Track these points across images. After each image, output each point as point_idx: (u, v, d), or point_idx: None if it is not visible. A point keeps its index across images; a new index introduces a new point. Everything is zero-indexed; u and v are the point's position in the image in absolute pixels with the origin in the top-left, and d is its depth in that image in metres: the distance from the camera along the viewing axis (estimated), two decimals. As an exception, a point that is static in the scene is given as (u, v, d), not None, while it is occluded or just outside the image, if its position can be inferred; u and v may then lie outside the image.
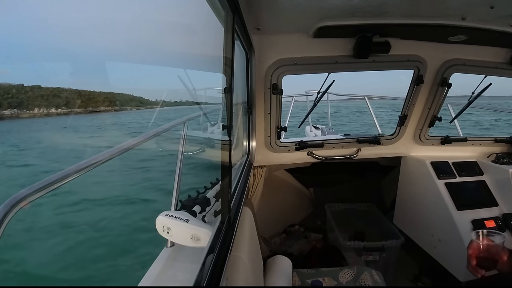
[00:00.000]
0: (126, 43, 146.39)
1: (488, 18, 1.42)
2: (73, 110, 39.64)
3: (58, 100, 39.08)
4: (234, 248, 1.00)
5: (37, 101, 38.16)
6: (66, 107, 39.83)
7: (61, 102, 39.48)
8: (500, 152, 2.21)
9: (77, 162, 0.69)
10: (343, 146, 2.26)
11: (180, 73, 4.41)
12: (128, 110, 40.36)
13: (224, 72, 0.98)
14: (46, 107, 39.35)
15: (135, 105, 42.20)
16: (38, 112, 37.73)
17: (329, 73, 2.04)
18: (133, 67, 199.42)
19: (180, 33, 8.85)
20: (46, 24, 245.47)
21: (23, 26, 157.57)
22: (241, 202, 1.32)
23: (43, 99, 39.03)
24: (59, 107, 39.20)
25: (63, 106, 39.51)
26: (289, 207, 2.98)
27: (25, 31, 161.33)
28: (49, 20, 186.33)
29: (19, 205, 0.53)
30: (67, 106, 39.89)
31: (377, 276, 1.66)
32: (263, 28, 1.62)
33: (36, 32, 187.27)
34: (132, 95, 43.25)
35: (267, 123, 2.01)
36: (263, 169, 2.14)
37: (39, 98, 38.59)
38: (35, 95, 38.47)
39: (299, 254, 2.55)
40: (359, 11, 1.37)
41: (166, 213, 0.99)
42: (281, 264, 1.65)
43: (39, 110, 38.28)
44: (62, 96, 40.11)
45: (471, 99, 2.14)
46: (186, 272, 0.91)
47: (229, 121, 1.02)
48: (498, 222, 1.86)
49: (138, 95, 68.84)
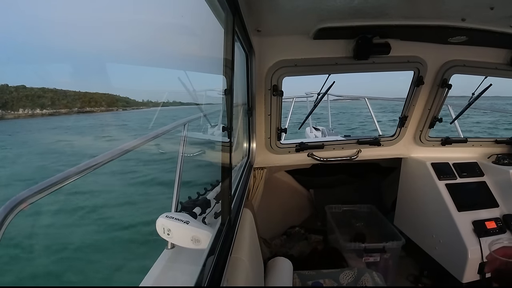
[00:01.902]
0: (118, 45, 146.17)
1: (488, 19, 1.42)
2: (58, 111, 39.57)
3: (43, 100, 38.99)
4: (235, 249, 1.00)
5: (22, 101, 38.01)
6: (51, 107, 39.77)
7: (46, 102, 39.41)
8: (500, 153, 2.21)
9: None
10: (344, 148, 2.26)
11: (170, 74, 4.41)
12: (115, 111, 40.31)
13: (224, 74, 0.98)
14: (31, 107, 39.20)
15: (121, 105, 42.16)
16: (23, 113, 37.58)
17: (329, 74, 2.04)
18: (125, 68, 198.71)
19: (179, 34, 8.90)
20: (35, 22, 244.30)
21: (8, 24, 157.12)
22: (242, 203, 1.32)
23: (28, 99, 38.89)
24: (44, 108, 39.14)
25: (48, 107, 39.46)
26: (289, 209, 2.97)
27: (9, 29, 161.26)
28: (39, 16, 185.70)
29: (19, 207, 0.53)
30: (52, 106, 39.81)
31: (377, 278, 1.65)
32: (263, 30, 1.62)
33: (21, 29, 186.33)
34: (119, 95, 43.38)
35: (267, 125, 2.01)
36: (264, 171, 2.13)
37: (23, 99, 38.44)
38: (20, 96, 38.25)
39: (300, 255, 2.54)
40: (359, 13, 1.37)
41: (166, 214, 0.99)
42: (282, 265, 1.64)
43: (24, 111, 38.15)
44: (47, 97, 40.06)
45: (471, 100, 2.14)
46: (187, 274, 0.91)
47: (230, 123, 1.02)
48: (499, 223, 1.85)
49: (124, 95, 68.64)
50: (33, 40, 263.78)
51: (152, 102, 15.18)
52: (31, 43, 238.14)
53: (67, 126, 24.54)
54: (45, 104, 39.63)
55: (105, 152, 0.81)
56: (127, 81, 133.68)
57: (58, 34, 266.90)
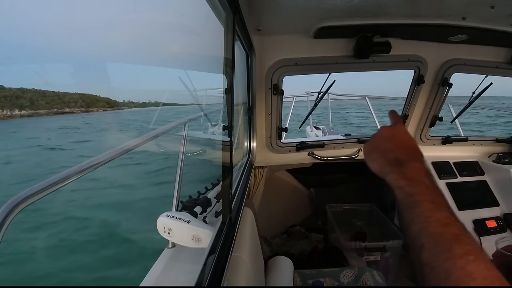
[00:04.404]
0: (110, 45, 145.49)
1: (488, 17, 1.41)
2: (37, 112, 39.40)
3: (21, 101, 38.78)
4: (235, 248, 1.00)
5: (0, 102, 37.84)
6: (30, 108, 39.59)
7: (25, 103, 39.23)
8: (501, 152, 2.21)
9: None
10: (344, 147, 2.26)
11: (159, 73, 4.42)
12: (95, 112, 40.19)
13: (224, 73, 0.98)
14: (10, 108, 39.03)
15: (101, 106, 42.07)
16: (1, 114, 37.43)
17: (330, 73, 2.04)
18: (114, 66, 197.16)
19: (178, 34, 8.90)
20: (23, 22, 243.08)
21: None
22: (242, 202, 1.32)
23: (7, 100, 38.70)
24: (23, 109, 38.96)
25: (27, 108, 39.28)
26: (290, 208, 2.97)
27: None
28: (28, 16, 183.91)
29: (20, 206, 0.54)
30: (31, 107, 39.62)
31: (378, 277, 1.65)
32: (264, 29, 1.62)
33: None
34: (99, 95, 43.47)
35: (268, 124, 2.01)
36: (264, 170, 2.13)
37: (2, 99, 38.24)
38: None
39: (300, 254, 2.55)
40: (359, 12, 1.37)
41: (167, 213, 1.00)
42: (282, 264, 1.65)
43: (2, 111, 38.01)
44: (26, 97, 39.87)
45: (472, 99, 2.14)
46: (187, 273, 0.91)
47: (230, 122, 1.02)
48: (500, 222, 1.85)
49: (105, 95, 68.20)
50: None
51: (133, 102, 15.26)
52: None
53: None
54: (24, 104, 39.41)
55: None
56: (112, 80, 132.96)
57: (35, 32, 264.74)
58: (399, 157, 0.54)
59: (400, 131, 0.58)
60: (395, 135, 0.58)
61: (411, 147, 0.56)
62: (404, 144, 0.56)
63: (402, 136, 0.57)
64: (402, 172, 0.52)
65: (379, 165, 0.57)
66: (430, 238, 0.40)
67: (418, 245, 0.41)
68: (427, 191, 0.47)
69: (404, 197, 0.48)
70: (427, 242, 0.40)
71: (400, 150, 0.55)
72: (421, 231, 0.42)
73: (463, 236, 0.39)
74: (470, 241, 0.39)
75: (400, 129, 0.59)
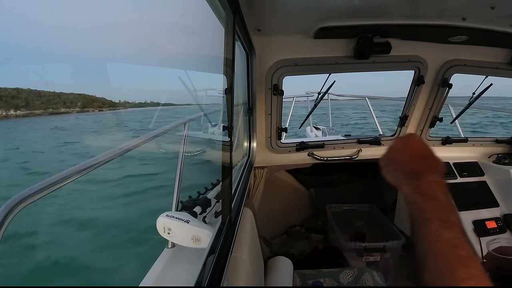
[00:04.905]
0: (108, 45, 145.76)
1: (488, 18, 1.41)
2: (32, 112, 39.34)
3: (17, 101, 38.74)
4: (235, 249, 1.00)
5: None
6: (26, 108, 39.53)
7: (20, 103, 39.17)
8: (501, 153, 2.21)
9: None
10: (344, 147, 2.26)
11: (157, 73, 4.42)
12: (91, 112, 40.15)
13: (224, 73, 0.98)
14: (5, 108, 38.95)
15: (97, 106, 42.08)
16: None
17: (330, 73, 2.04)
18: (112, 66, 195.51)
19: (178, 34, 8.90)
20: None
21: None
22: (242, 203, 1.32)
23: (2, 100, 38.65)
24: (18, 109, 38.91)
25: (22, 108, 39.23)
26: (290, 208, 2.97)
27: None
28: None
29: (20, 206, 0.53)
30: (27, 107, 39.56)
31: (378, 277, 1.65)
32: (264, 29, 1.62)
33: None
34: (95, 95, 43.83)
35: (268, 124, 2.01)
36: (264, 170, 2.13)
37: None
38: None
39: (300, 255, 2.54)
40: (359, 12, 1.37)
41: (167, 214, 0.99)
42: (282, 265, 1.65)
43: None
44: (21, 97, 39.82)
45: (472, 99, 2.14)
46: (187, 273, 0.91)
47: (230, 122, 1.02)
48: (499, 223, 1.85)
49: (104, 95, 68.07)
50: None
51: (129, 102, 15.21)
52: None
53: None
54: (19, 105, 39.40)
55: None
56: (111, 80, 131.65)
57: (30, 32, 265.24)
58: (415, 169, 0.53)
59: (415, 142, 0.57)
60: (410, 147, 0.57)
61: (427, 157, 0.55)
62: (419, 155, 0.55)
63: (417, 147, 0.56)
64: (417, 185, 0.51)
65: (396, 177, 0.56)
66: (435, 258, 0.40)
67: (423, 263, 0.41)
68: (440, 209, 0.46)
69: (417, 212, 0.48)
70: (431, 262, 0.40)
71: (416, 162, 0.54)
72: (427, 250, 0.42)
73: (469, 259, 0.39)
74: (475, 264, 0.38)
75: (414, 139, 0.58)
